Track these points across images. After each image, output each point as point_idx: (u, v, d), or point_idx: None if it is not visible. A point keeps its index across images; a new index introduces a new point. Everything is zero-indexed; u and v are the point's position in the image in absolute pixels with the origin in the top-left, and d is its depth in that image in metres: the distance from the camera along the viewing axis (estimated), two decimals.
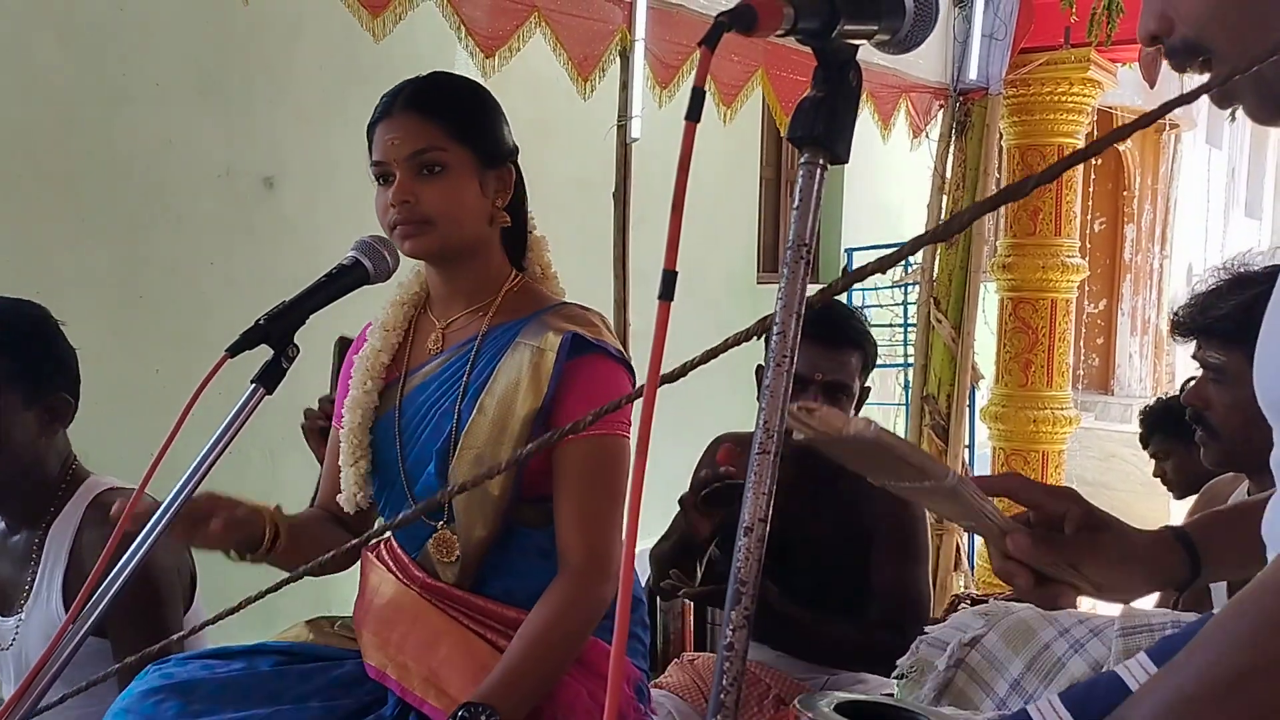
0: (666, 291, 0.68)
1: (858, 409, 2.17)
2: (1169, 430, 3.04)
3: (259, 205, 3.49)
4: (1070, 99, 4.49)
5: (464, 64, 2.79)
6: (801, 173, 0.78)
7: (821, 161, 0.77)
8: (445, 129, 1.54)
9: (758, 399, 0.77)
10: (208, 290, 3.31)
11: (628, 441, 1.60)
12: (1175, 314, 1.74)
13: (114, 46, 3.11)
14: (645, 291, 4.05)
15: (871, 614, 2.11)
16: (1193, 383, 1.78)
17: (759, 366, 1.97)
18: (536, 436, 1.52)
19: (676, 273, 0.68)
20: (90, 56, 3.06)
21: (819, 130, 0.77)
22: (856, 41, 0.80)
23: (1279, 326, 0.87)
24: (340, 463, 1.65)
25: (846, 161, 0.78)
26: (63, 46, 3.00)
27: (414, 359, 1.66)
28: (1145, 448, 3.26)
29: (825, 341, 2.06)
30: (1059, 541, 1.00)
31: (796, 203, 0.77)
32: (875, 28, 0.80)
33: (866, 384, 2.18)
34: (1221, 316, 1.64)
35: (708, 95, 3.50)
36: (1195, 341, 1.71)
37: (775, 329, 0.75)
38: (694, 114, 0.69)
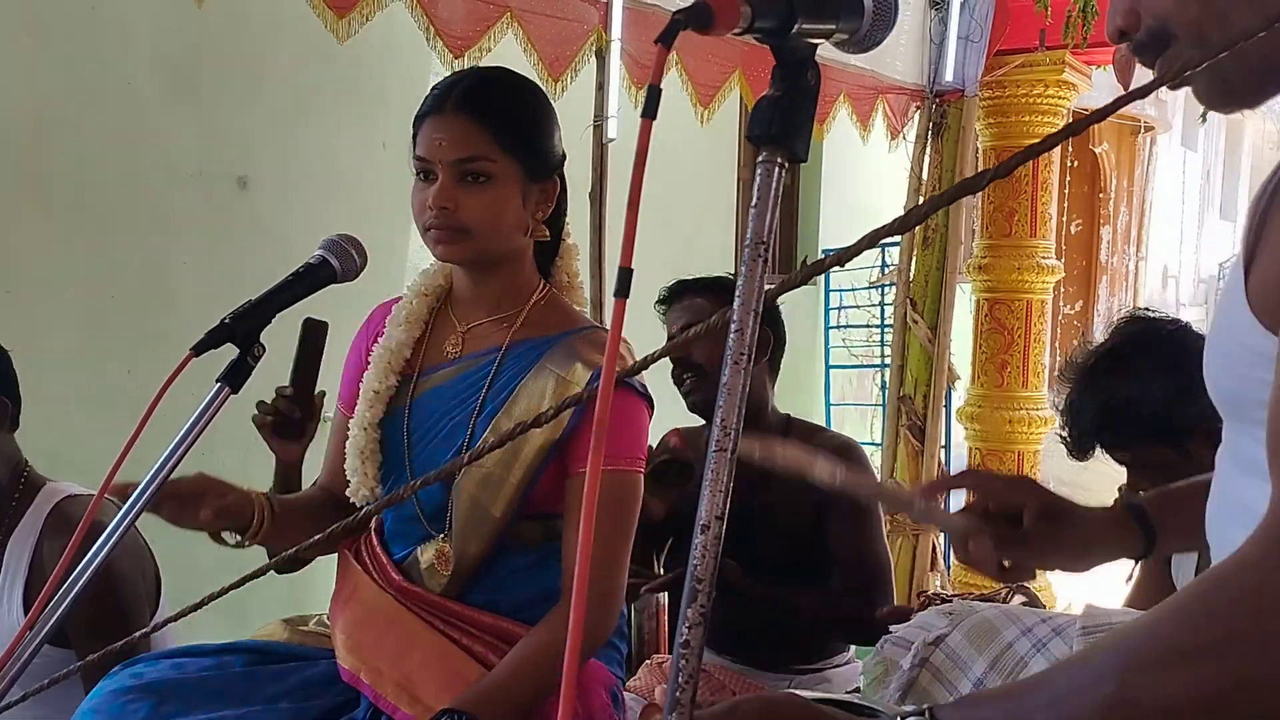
0: (622, 288, 0.68)
1: (761, 353, 2.16)
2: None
3: (232, 205, 3.46)
4: (1046, 101, 4.51)
5: (440, 65, 2.78)
6: (759, 171, 0.78)
7: (779, 160, 0.78)
8: (496, 138, 1.49)
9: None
10: (180, 290, 3.29)
11: (641, 478, 1.57)
12: (1062, 440, 1.80)
13: (85, 46, 3.08)
14: None
15: (836, 584, 2.12)
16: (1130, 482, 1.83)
17: None
18: (549, 465, 1.51)
19: (632, 270, 0.69)
20: (61, 56, 3.03)
21: (776, 129, 0.77)
22: (815, 40, 0.80)
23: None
24: (351, 455, 1.60)
25: (805, 160, 0.79)
26: (33, 46, 2.98)
27: (429, 358, 1.62)
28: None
29: (669, 302, 2.20)
30: (1019, 541, 1.03)
31: (754, 201, 0.77)
32: (833, 26, 0.80)
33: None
34: (1092, 430, 1.70)
35: (685, 96, 3.53)
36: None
37: (733, 326, 0.76)
38: (650, 111, 0.69)
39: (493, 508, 1.51)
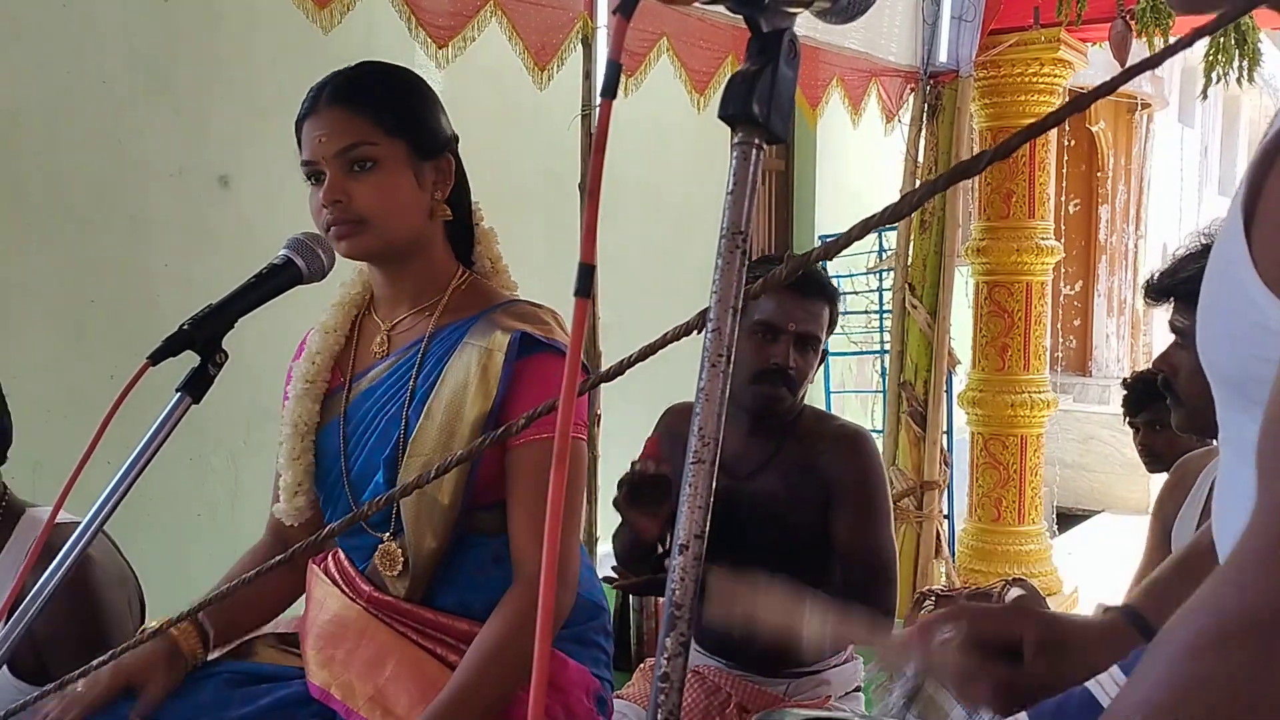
0: (583, 288, 0.61)
1: (817, 366, 2.07)
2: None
3: (214, 205, 3.39)
4: (1041, 80, 4.44)
5: (423, 56, 2.71)
6: (735, 154, 0.71)
7: (757, 141, 0.71)
8: (374, 121, 1.47)
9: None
10: (163, 293, 3.22)
11: (584, 444, 1.56)
12: (1149, 279, 1.72)
13: (59, 45, 3.01)
14: (614, 284, 3.95)
15: (837, 578, 1.98)
16: (1166, 349, 1.75)
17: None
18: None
19: (593, 266, 0.62)
20: (34, 56, 2.96)
21: (753, 107, 0.70)
22: (794, 10, 0.73)
23: (1215, 298, 0.79)
24: (277, 468, 1.58)
25: (784, 140, 0.72)
26: (4, 46, 2.91)
27: (359, 364, 1.59)
28: (1135, 416, 3.12)
29: (799, 291, 1.96)
30: (1024, 681, 1.00)
31: (730, 186, 0.70)
32: None
33: (826, 344, 2.08)
34: (1188, 279, 1.62)
35: (679, 83, 3.45)
36: (1171, 306, 1.68)
37: (709, 325, 0.69)
38: (609, 90, 0.62)
39: (440, 495, 1.47)
